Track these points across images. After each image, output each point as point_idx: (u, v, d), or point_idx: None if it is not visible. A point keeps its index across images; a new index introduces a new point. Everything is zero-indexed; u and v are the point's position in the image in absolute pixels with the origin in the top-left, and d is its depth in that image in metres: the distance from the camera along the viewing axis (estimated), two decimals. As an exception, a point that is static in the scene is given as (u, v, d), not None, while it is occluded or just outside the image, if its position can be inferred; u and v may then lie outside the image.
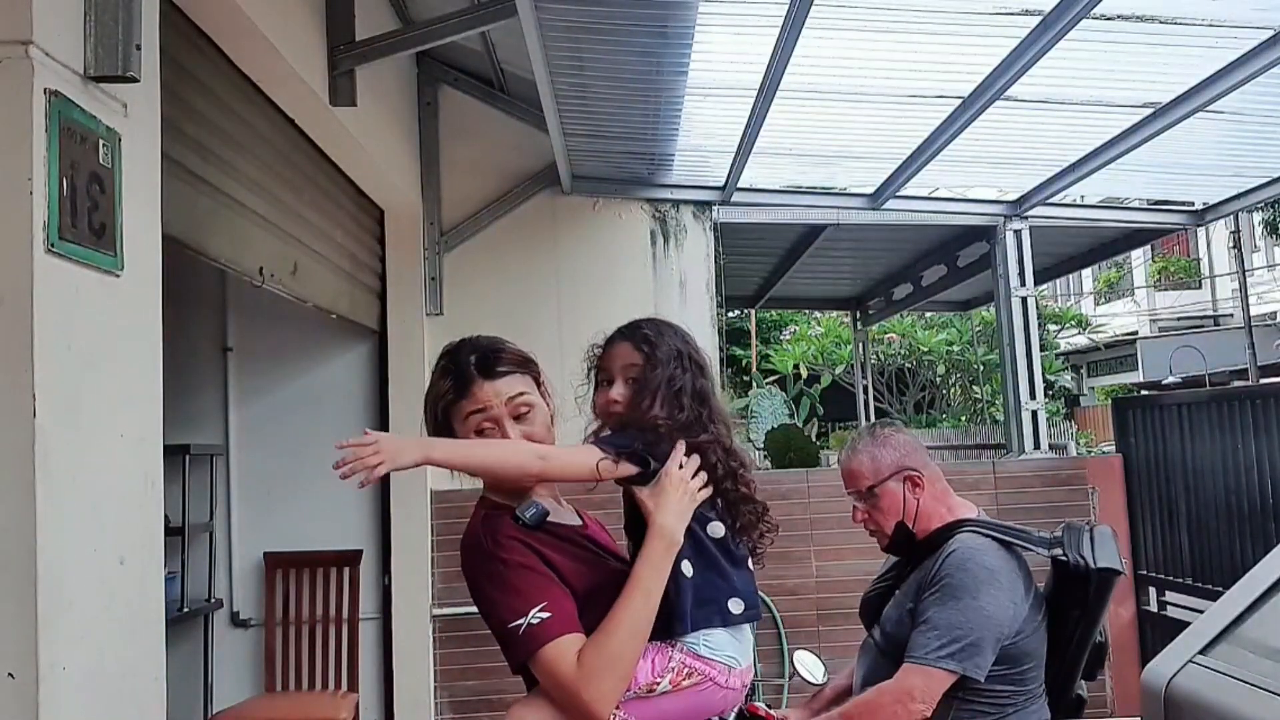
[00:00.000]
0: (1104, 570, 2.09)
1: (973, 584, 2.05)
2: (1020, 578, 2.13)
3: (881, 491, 2.23)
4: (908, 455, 2.26)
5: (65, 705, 1.66)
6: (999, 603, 2.05)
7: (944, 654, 2.00)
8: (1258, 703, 1.70)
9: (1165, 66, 3.61)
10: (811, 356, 14.66)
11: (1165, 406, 4.93)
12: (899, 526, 2.23)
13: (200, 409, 4.70)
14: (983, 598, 2.04)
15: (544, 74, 3.56)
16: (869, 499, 2.25)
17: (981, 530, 2.17)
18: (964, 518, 2.23)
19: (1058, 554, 2.14)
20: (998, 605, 2.05)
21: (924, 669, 2.01)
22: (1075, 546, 2.13)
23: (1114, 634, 4.92)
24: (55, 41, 1.73)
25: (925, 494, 2.23)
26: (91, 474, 1.78)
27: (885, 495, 2.23)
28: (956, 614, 2.03)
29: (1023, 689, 2.10)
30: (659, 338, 1.69)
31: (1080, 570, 2.11)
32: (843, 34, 3.33)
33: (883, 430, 2.33)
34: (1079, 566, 2.11)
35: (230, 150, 3.02)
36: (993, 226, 5.47)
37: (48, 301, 1.65)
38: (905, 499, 2.22)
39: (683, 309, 4.97)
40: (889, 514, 2.23)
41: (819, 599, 4.76)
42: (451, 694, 4.61)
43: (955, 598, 2.04)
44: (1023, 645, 2.09)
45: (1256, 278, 19.27)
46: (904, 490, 2.23)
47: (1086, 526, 2.19)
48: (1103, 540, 2.14)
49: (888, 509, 2.23)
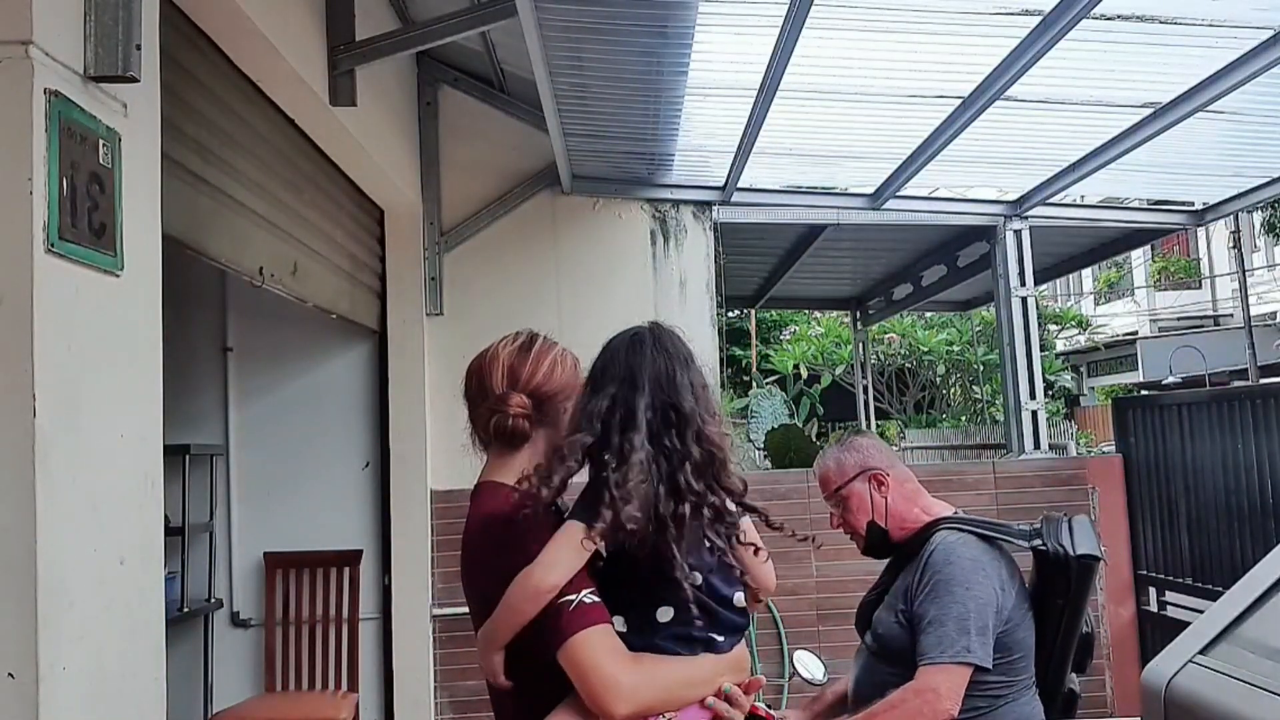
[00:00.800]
0: (1084, 557, 2.13)
1: (961, 574, 2.09)
2: (1002, 566, 2.17)
3: (848, 493, 2.32)
4: (870, 457, 2.34)
5: (65, 705, 1.66)
6: (987, 588, 2.09)
7: (959, 648, 2.02)
8: (1258, 703, 1.70)
9: (1165, 66, 3.61)
10: (811, 356, 14.65)
11: (1165, 406, 4.93)
12: (871, 526, 2.29)
13: (200, 409, 4.70)
14: (975, 587, 2.07)
15: (544, 74, 3.56)
16: (839, 502, 2.34)
17: (959, 526, 2.22)
18: (940, 516, 2.28)
19: (1037, 544, 2.18)
20: (988, 592, 2.08)
21: (944, 668, 2.02)
22: (1054, 536, 2.17)
23: (1114, 634, 4.93)
24: (55, 41, 1.73)
25: (893, 493, 2.30)
26: (91, 474, 1.78)
27: (852, 496, 2.31)
28: (957, 606, 2.05)
29: (1014, 679, 2.12)
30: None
31: (1060, 559, 2.14)
32: (843, 34, 3.33)
33: (849, 437, 2.44)
34: (1059, 555, 2.14)
35: (230, 150, 3.02)
36: (993, 226, 5.48)
37: (48, 301, 1.65)
38: (872, 498, 2.30)
39: (683, 309, 4.97)
40: (859, 514, 2.31)
41: (819, 599, 4.76)
42: (451, 694, 4.61)
43: (949, 591, 2.07)
44: (1012, 634, 2.12)
45: (1256, 278, 19.27)
46: (869, 489, 2.30)
47: (1064, 517, 2.23)
48: (1081, 528, 2.18)
49: (856, 509, 2.31)
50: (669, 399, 1.60)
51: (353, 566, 4.60)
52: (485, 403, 1.67)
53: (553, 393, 1.67)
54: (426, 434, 4.67)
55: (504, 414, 1.64)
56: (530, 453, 1.67)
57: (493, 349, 1.72)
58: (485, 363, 1.70)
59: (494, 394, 1.66)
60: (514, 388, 1.66)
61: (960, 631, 2.03)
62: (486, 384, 1.67)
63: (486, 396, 1.67)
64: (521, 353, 1.69)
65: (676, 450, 1.57)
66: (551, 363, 1.69)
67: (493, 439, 1.68)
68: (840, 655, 2.55)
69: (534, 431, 1.66)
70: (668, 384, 1.61)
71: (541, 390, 1.67)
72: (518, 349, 1.70)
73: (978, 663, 2.02)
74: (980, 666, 2.03)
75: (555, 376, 1.68)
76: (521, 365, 1.67)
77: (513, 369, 1.67)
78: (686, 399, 1.60)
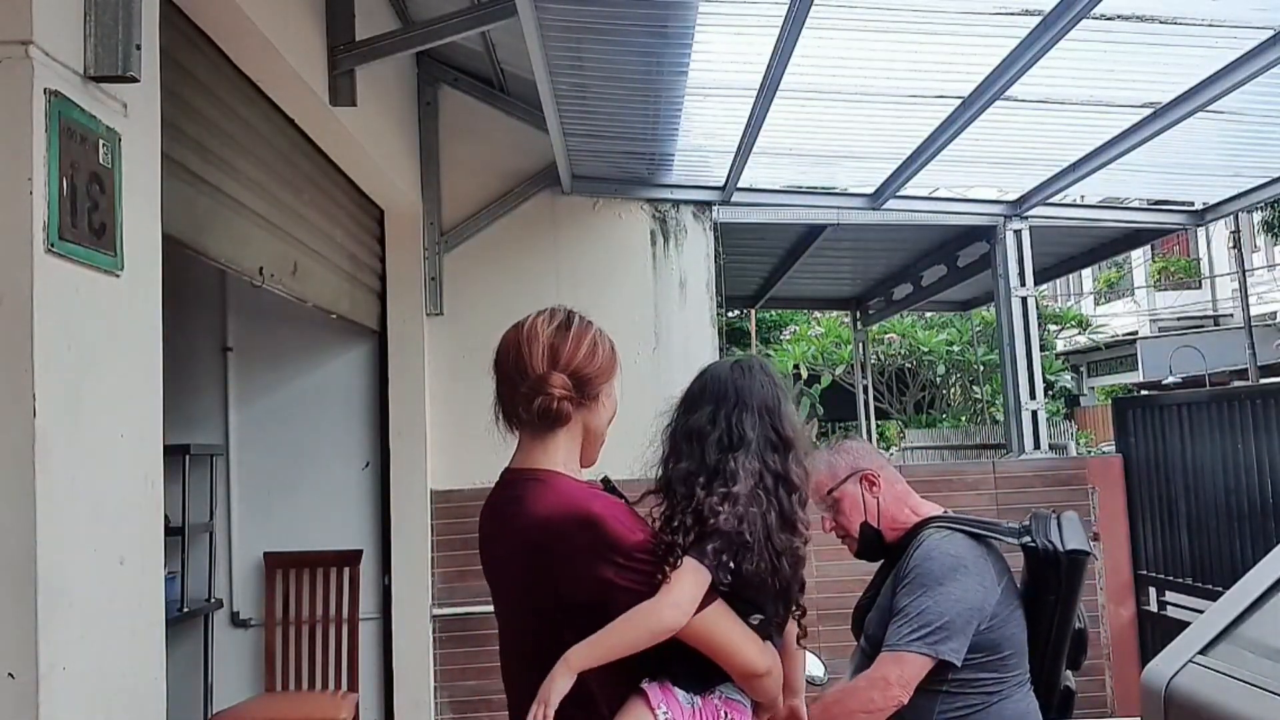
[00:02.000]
0: (1073, 553, 2.14)
1: (939, 571, 2.10)
2: (989, 563, 2.18)
3: (840, 494, 2.33)
4: (861, 458, 2.36)
5: (65, 705, 1.66)
6: (967, 587, 2.10)
7: (914, 638, 2.05)
8: (1258, 703, 1.70)
9: (1165, 66, 3.61)
10: (811, 356, 14.66)
11: (1165, 406, 4.93)
12: (864, 527, 2.31)
13: (200, 409, 4.70)
14: (950, 584, 2.09)
15: (544, 74, 3.56)
16: (831, 504, 2.35)
17: (948, 525, 2.23)
18: (929, 516, 2.30)
19: (1026, 541, 2.20)
20: (966, 590, 2.09)
21: (897, 655, 2.06)
22: (1043, 533, 2.19)
23: (1114, 634, 4.93)
24: (55, 41, 1.73)
25: (884, 494, 2.31)
26: (91, 474, 1.78)
27: (845, 498, 2.32)
28: (925, 599, 2.08)
29: (1006, 676, 2.14)
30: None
31: (1050, 555, 2.16)
32: (843, 34, 3.33)
33: (841, 441, 2.46)
34: (1048, 551, 2.16)
35: (230, 150, 3.02)
36: (993, 226, 5.47)
37: (48, 301, 1.65)
38: (864, 499, 2.31)
39: (683, 309, 4.98)
40: (852, 515, 2.32)
41: (819, 599, 4.71)
42: (451, 694, 4.61)
43: (923, 586, 2.10)
44: (1001, 631, 2.13)
45: (1256, 278, 19.27)
46: (861, 490, 2.32)
47: (1053, 514, 2.25)
48: (1070, 525, 2.20)
49: (849, 510, 2.32)
50: (774, 423, 1.60)
51: (353, 566, 4.60)
52: (525, 382, 1.59)
53: (593, 375, 1.63)
54: (426, 434, 4.67)
55: (549, 395, 1.57)
56: (566, 436, 1.62)
57: (530, 324, 1.63)
58: (524, 339, 1.61)
59: (534, 374, 1.59)
60: (554, 368, 1.59)
61: (924, 624, 2.05)
62: (526, 362, 1.60)
63: (525, 376, 1.59)
64: (561, 331, 1.62)
65: (782, 476, 1.57)
66: (592, 343, 1.63)
67: (534, 420, 1.60)
68: (840, 655, 2.56)
69: (574, 414, 1.62)
70: (775, 407, 1.61)
71: (583, 372, 1.61)
72: (557, 328, 1.62)
73: (939, 657, 2.04)
74: (946, 662, 2.05)
75: (597, 357, 1.63)
76: (563, 345, 1.60)
77: (554, 348, 1.60)
78: (790, 426, 1.61)
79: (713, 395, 1.62)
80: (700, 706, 1.56)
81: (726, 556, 1.50)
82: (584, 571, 1.50)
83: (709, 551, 1.49)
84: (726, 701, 1.59)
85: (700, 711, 1.56)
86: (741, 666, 1.56)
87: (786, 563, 1.56)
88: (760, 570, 1.53)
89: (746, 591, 1.55)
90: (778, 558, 1.55)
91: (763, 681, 1.60)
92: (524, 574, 1.58)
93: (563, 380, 1.59)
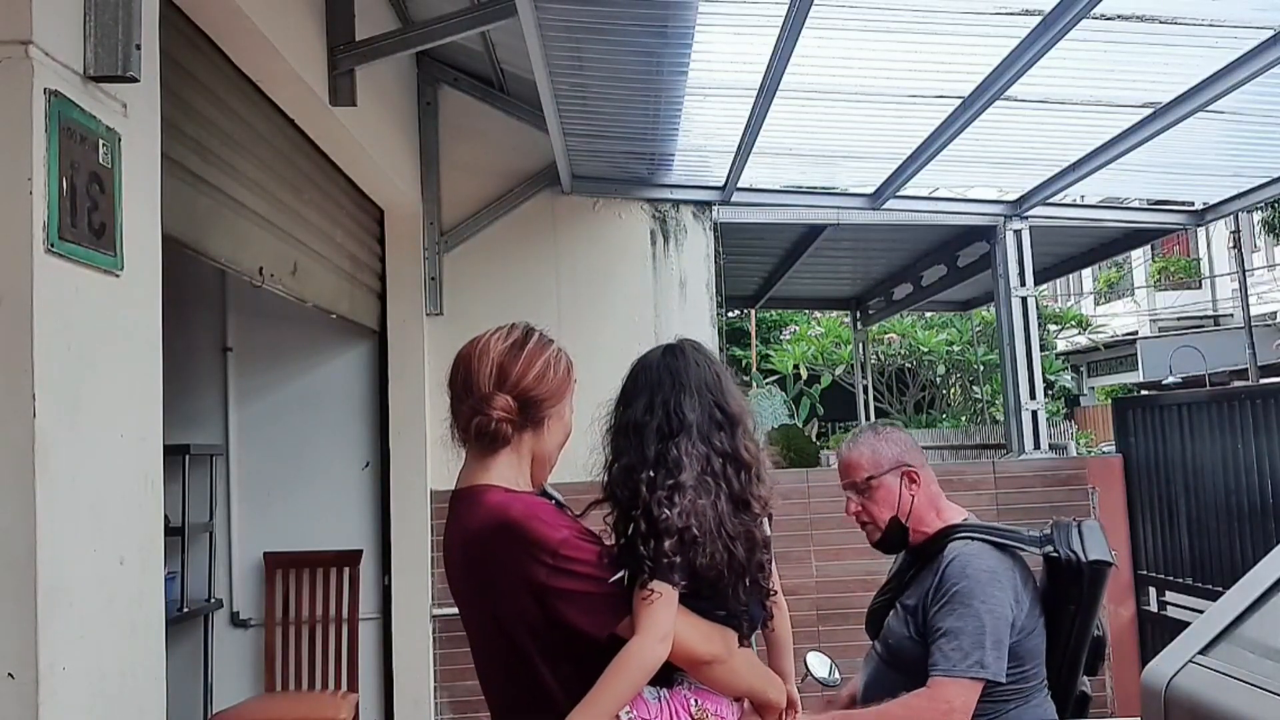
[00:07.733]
0: (1096, 563, 2.14)
1: (978, 588, 2.08)
2: (1017, 576, 2.17)
3: (878, 484, 2.27)
4: (907, 453, 2.30)
5: (65, 705, 1.65)
6: (1003, 602, 2.08)
7: (973, 661, 2.02)
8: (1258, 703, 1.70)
9: (1165, 66, 3.61)
10: (811, 356, 14.63)
11: (1165, 406, 4.93)
12: (893, 521, 2.26)
13: (200, 409, 4.70)
14: (990, 600, 2.07)
15: (544, 74, 3.56)
16: (864, 491, 2.29)
17: (974, 535, 2.21)
18: (953, 523, 2.26)
19: (1049, 551, 2.18)
20: (1003, 605, 2.08)
21: (958, 681, 2.02)
22: (1065, 542, 2.18)
23: (1114, 634, 4.93)
24: (55, 41, 1.73)
25: (920, 493, 2.27)
26: (91, 474, 1.78)
27: (882, 488, 2.26)
28: (973, 620, 2.05)
29: (1025, 685, 2.13)
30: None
31: (1073, 565, 2.15)
32: (843, 34, 3.33)
33: (885, 428, 2.38)
34: (1071, 561, 2.15)
35: (230, 150, 3.02)
36: (993, 226, 5.47)
37: (48, 301, 1.65)
38: (901, 494, 2.26)
39: (683, 309, 4.97)
40: (883, 507, 2.27)
41: (819, 599, 4.75)
42: (451, 694, 4.61)
43: (965, 604, 2.07)
44: (1025, 643, 2.12)
45: (1256, 278, 19.26)
46: (901, 486, 2.26)
47: (1074, 522, 2.23)
48: (1091, 533, 2.19)
49: (882, 501, 2.27)
50: (716, 400, 1.56)
51: (352, 566, 4.60)
52: (469, 400, 1.59)
53: (541, 398, 1.60)
54: (426, 434, 4.67)
55: (486, 416, 1.56)
56: (510, 456, 1.60)
57: (484, 341, 1.62)
58: (475, 356, 1.60)
59: (479, 392, 1.58)
60: (501, 388, 1.57)
61: (975, 645, 2.03)
62: (473, 380, 1.59)
63: (471, 394, 1.59)
64: (514, 350, 1.60)
65: (730, 455, 1.54)
66: (544, 364, 1.61)
67: (472, 439, 1.60)
68: (841, 655, 2.55)
69: (516, 436, 1.59)
70: (715, 383, 1.57)
71: (530, 393, 1.59)
72: (510, 346, 1.61)
73: (991, 678, 2.03)
74: (994, 681, 2.03)
75: (546, 380, 1.60)
76: (512, 364, 1.58)
77: (502, 367, 1.58)
78: (734, 401, 1.57)
79: (646, 384, 1.58)
80: (668, 698, 1.55)
81: (679, 557, 1.47)
82: (516, 578, 1.49)
83: (665, 566, 1.47)
84: (697, 691, 1.58)
85: (669, 702, 1.55)
86: (681, 656, 1.51)
87: (741, 547, 1.53)
88: (716, 562, 1.50)
89: (704, 589, 1.52)
90: (732, 542, 1.52)
91: (712, 669, 1.55)
92: (470, 591, 1.60)
93: (505, 401, 1.57)
